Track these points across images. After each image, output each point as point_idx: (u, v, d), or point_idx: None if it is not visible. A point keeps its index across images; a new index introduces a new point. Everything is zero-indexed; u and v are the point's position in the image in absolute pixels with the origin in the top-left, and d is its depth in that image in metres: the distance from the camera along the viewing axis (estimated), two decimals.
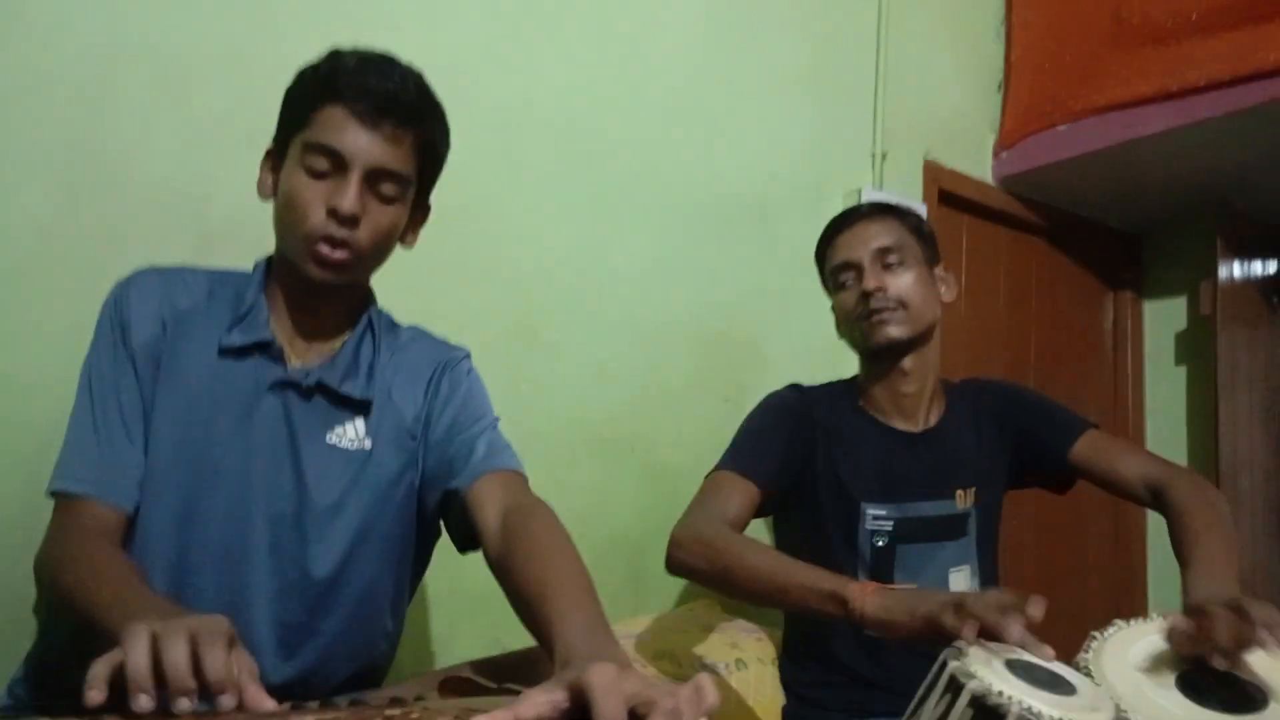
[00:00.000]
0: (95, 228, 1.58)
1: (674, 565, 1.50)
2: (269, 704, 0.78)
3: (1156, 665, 1.20)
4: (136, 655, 0.75)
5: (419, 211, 1.32)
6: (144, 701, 0.73)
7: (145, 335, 1.20)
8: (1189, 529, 1.44)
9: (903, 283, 1.67)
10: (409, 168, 1.22)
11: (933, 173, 3.09)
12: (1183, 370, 3.77)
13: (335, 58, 1.19)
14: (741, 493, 1.58)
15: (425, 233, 1.88)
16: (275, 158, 1.24)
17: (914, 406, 1.74)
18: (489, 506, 1.19)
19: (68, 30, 1.59)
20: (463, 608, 1.89)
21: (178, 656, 0.75)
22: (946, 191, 3.14)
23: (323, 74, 1.18)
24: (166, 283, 1.25)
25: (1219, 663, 1.11)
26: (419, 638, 1.93)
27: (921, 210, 2.85)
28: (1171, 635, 1.17)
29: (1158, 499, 1.56)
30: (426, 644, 1.93)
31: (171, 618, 0.81)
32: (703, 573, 1.47)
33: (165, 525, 1.17)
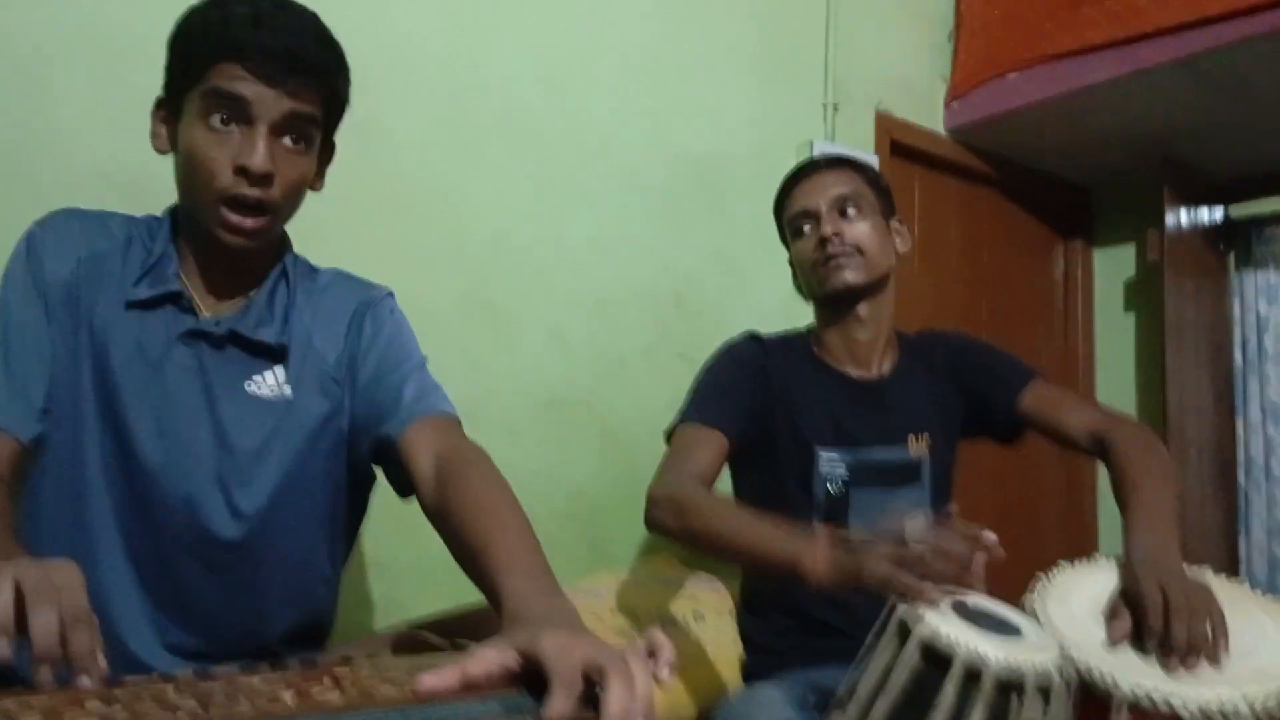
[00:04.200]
0: (35, 208, 1.53)
1: (650, 523, 1.52)
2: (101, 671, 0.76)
3: (1101, 606, 1.23)
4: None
5: (324, 152, 1.26)
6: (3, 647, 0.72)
7: (60, 274, 1.18)
8: (1129, 476, 1.47)
9: (859, 230, 1.70)
10: (315, 115, 1.17)
11: (884, 124, 3.09)
12: (1131, 318, 3.83)
13: (222, 5, 1.12)
14: (711, 445, 1.60)
15: (378, 204, 1.87)
16: (168, 109, 1.18)
17: (868, 354, 1.75)
18: (421, 453, 1.16)
19: (3, 12, 1.55)
20: (421, 571, 1.89)
21: (50, 632, 0.73)
22: (898, 143, 3.14)
23: (212, 25, 1.11)
24: (84, 224, 1.23)
25: None
26: (378, 601, 1.93)
27: (874, 161, 2.85)
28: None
29: (1101, 449, 1.59)
30: (385, 608, 1.93)
31: (35, 566, 0.78)
32: (673, 532, 1.49)
33: (96, 475, 1.16)
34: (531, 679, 0.73)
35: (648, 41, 2.46)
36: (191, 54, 1.13)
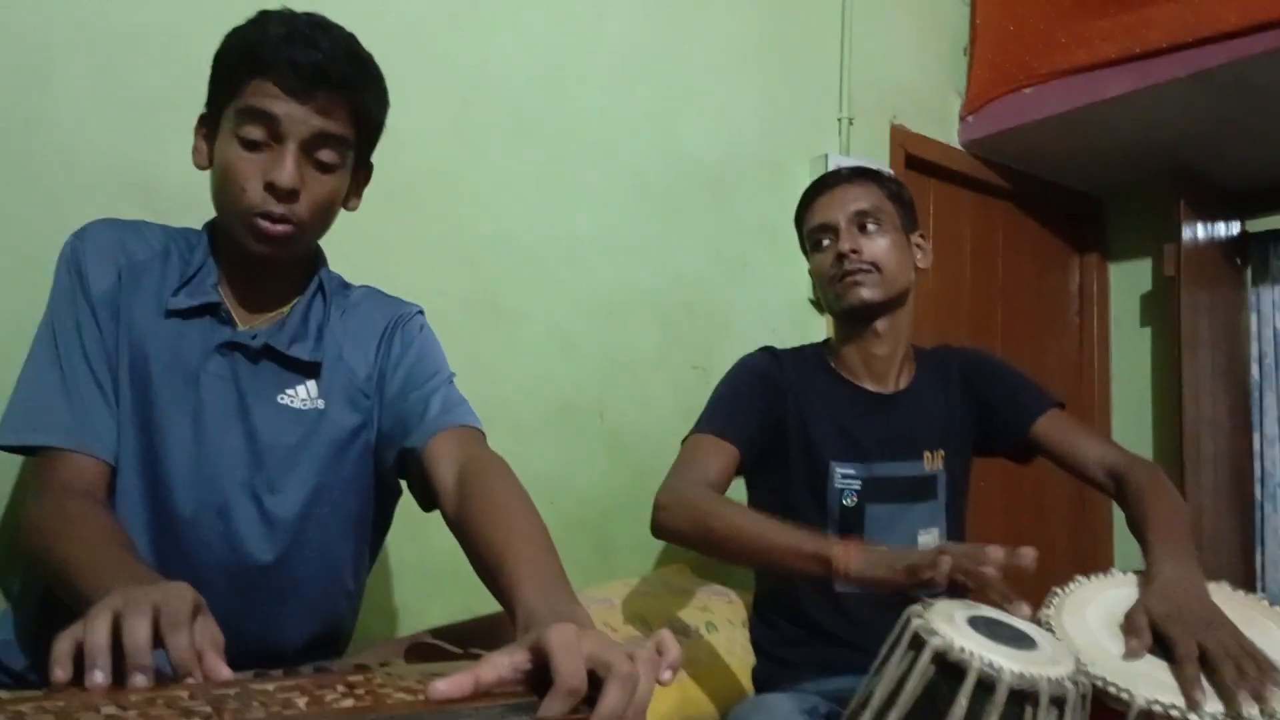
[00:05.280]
0: (42, 209, 1.55)
1: (659, 528, 1.52)
2: (225, 673, 0.77)
3: (1116, 619, 1.22)
4: (96, 634, 0.73)
5: (360, 172, 1.29)
6: (99, 678, 0.71)
7: (103, 285, 1.19)
8: (1146, 507, 1.46)
9: (878, 246, 1.69)
10: (346, 134, 1.19)
11: (899, 137, 3.09)
12: (1147, 332, 3.81)
13: (261, 25, 1.15)
14: (722, 455, 1.60)
15: (382, 206, 1.85)
16: (209, 125, 1.21)
17: (885, 368, 1.75)
18: (445, 464, 1.17)
19: (6, 9, 1.56)
20: (434, 578, 1.89)
21: (138, 637, 0.73)
22: (913, 156, 3.14)
23: (249, 43, 1.14)
24: (121, 233, 1.24)
25: None
26: (391, 608, 1.93)
27: None
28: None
29: (1116, 485, 1.59)
30: (398, 615, 1.93)
31: (139, 587, 0.79)
32: (687, 535, 1.48)
33: (128, 482, 1.17)
34: (543, 682, 0.73)
35: (652, 44, 2.47)
36: (228, 71, 1.16)
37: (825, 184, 1.77)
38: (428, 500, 1.24)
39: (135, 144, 1.65)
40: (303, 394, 1.24)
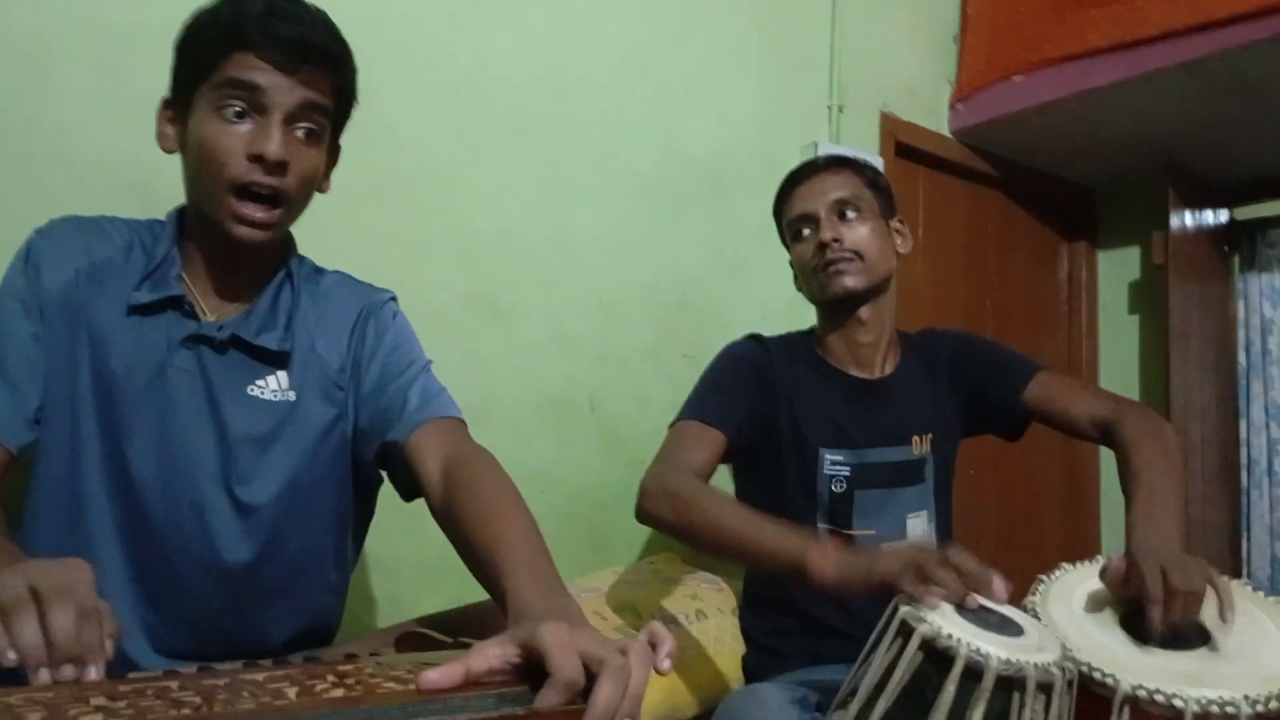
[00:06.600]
0: (38, 204, 1.54)
1: (642, 514, 1.51)
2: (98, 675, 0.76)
3: (1101, 606, 1.23)
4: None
5: (331, 154, 1.27)
6: (45, 677, 0.72)
7: (58, 282, 1.17)
8: (1134, 463, 1.46)
9: (859, 234, 1.68)
10: (328, 105, 1.18)
11: (889, 125, 3.09)
12: (1136, 320, 3.83)
13: (235, 2, 1.13)
14: (708, 442, 1.59)
15: (381, 202, 1.86)
16: (175, 108, 1.19)
17: (870, 355, 1.75)
18: (429, 457, 1.16)
19: (4, 6, 1.55)
20: (428, 571, 1.89)
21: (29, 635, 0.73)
22: (903, 144, 3.14)
23: (227, 21, 1.11)
24: (84, 231, 1.22)
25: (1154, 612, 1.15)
26: (384, 600, 1.93)
27: (878, 163, 2.85)
28: (1105, 577, 1.23)
29: (1108, 435, 1.59)
30: (391, 607, 1.93)
31: (18, 574, 0.78)
32: (669, 523, 1.48)
33: (95, 485, 1.15)
34: (534, 674, 0.73)
35: (650, 41, 2.47)
36: (203, 49, 1.13)
37: (803, 174, 1.77)
38: (409, 491, 1.23)
39: (134, 141, 1.63)
40: (273, 385, 1.22)
